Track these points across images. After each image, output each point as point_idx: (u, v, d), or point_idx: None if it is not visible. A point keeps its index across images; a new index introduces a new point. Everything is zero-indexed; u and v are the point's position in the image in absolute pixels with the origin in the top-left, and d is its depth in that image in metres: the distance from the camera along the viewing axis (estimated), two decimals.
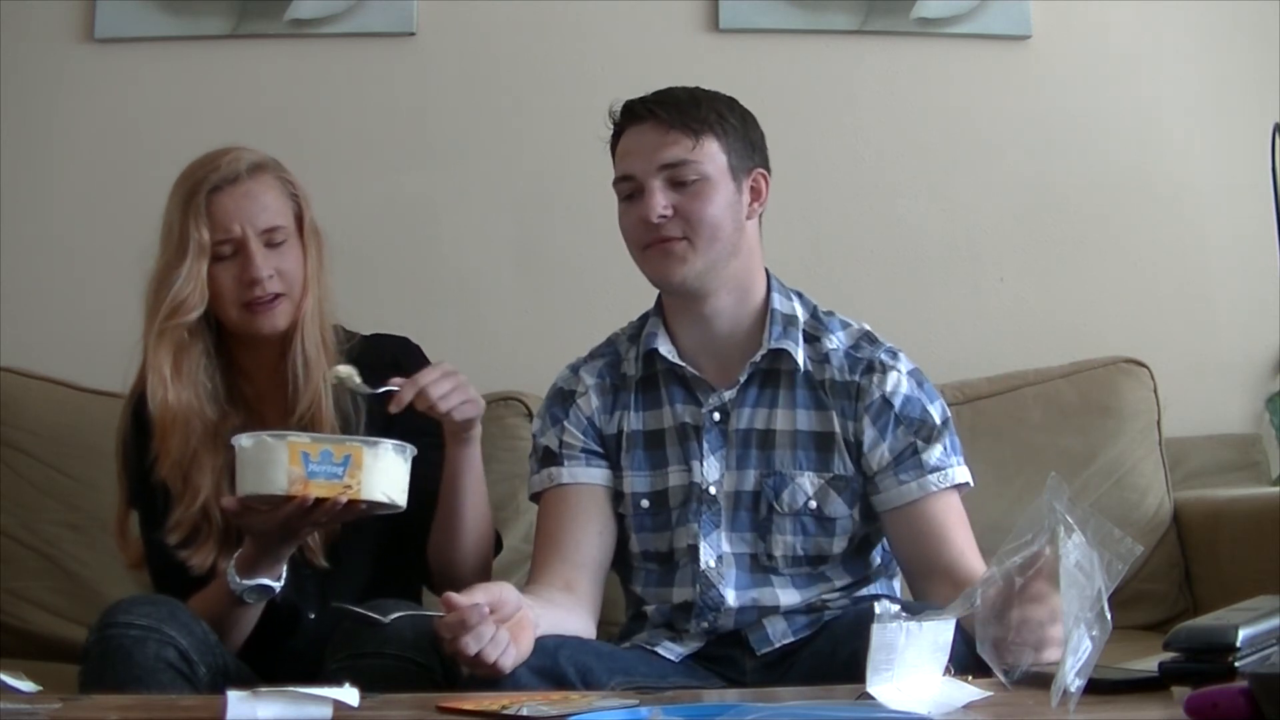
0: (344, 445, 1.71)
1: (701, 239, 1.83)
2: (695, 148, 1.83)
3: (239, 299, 1.91)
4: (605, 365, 1.97)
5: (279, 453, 1.68)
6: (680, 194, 1.83)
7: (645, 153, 1.85)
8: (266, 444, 1.70)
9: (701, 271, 1.84)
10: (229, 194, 1.91)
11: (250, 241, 1.90)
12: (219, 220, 1.90)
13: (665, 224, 1.83)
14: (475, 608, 1.49)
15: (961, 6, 2.81)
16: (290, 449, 1.68)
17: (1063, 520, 1.30)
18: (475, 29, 2.82)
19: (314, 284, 1.96)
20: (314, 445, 1.69)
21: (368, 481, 1.70)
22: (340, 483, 1.68)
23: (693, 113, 1.84)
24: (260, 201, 1.93)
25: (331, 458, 1.68)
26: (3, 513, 2.46)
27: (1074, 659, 1.25)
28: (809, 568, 1.86)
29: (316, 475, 1.68)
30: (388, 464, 1.72)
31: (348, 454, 1.69)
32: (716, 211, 1.83)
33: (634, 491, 1.90)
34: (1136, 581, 2.41)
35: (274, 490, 1.69)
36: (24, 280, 2.73)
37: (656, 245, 1.84)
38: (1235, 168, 2.74)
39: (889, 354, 1.90)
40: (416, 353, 2.05)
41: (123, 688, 1.64)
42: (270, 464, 1.68)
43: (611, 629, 2.01)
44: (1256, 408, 2.77)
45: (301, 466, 1.67)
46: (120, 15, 2.78)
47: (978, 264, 2.83)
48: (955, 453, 1.87)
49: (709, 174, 1.83)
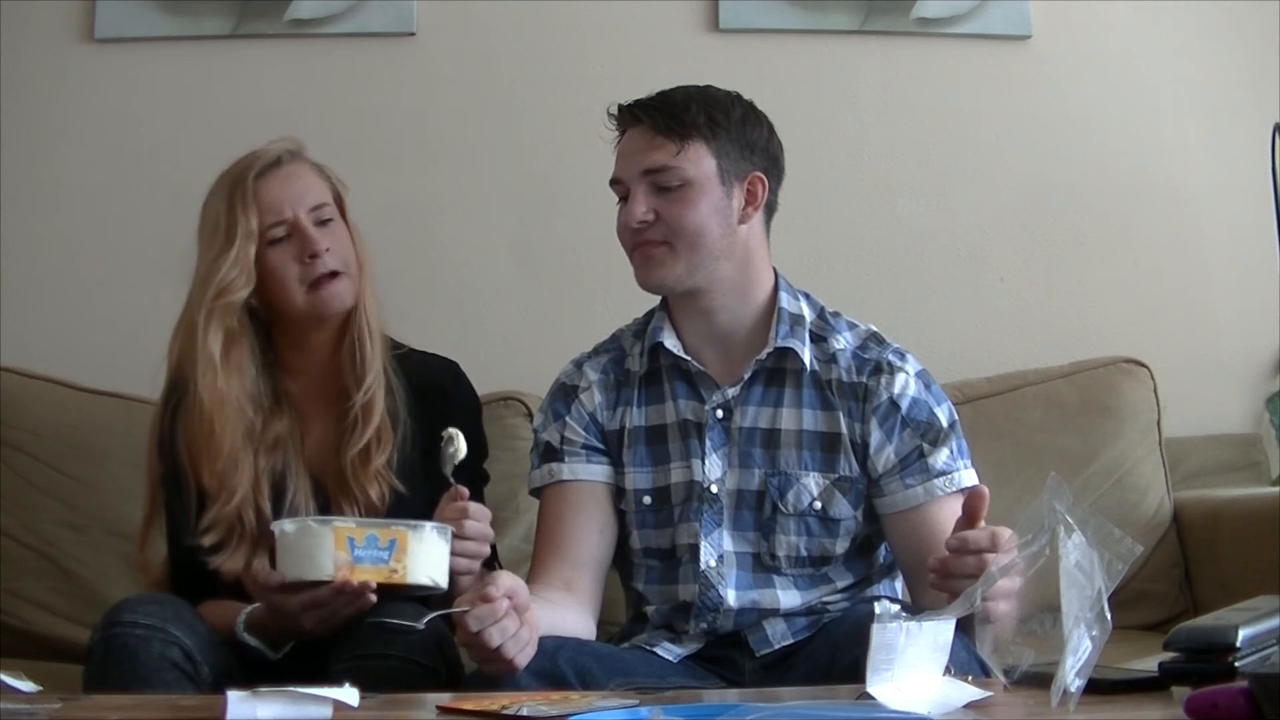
0: (389, 530, 1.70)
1: (682, 244, 1.84)
2: (679, 153, 1.83)
3: (303, 278, 1.92)
4: (609, 361, 1.97)
5: (325, 539, 1.68)
6: (662, 199, 1.84)
7: (631, 156, 1.86)
8: (311, 530, 1.70)
9: (683, 275, 1.85)
10: (273, 178, 1.93)
11: (303, 219, 1.92)
12: (268, 204, 1.91)
13: (646, 229, 1.84)
14: (503, 602, 1.49)
15: (961, 6, 2.81)
16: (336, 534, 1.68)
17: (1063, 520, 1.30)
18: (475, 29, 2.82)
19: (366, 264, 1.98)
20: (359, 530, 1.69)
21: (413, 566, 1.70)
22: (386, 567, 1.69)
23: (680, 117, 1.84)
24: (304, 181, 1.96)
25: (377, 542, 1.69)
26: (3, 513, 2.45)
27: (1074, 659, 1.25)
28: (811, 568, 1.86)
29: (362, 560, 1.68)
30: (430, 546, 1.72)
31: (393, 538, 1.69)
32: (698, 217, 1.83)
33: (636, 488, 1.90)
34: (1136, 581, 2.41)
35: (319, 576, 1.69)
36: (24, 280, 2.73)
37: (638, 249, 1.86)
38: (1235, 168, 2.74)
39: (897, 355, 1.90)
40: (465, 382, 2.07)
41: (127, 687, 1.64)
42: (315, 549, 1.68)
43: (611, 629, 2.00)
44: (1256, 408, 2.77)
45: (347, 552, 1.68)
46: (120, 15, 2.78)
47: (978, 264, 2.83)
48: (962, 456, 1.86)
49: (692, 179, 1.83)
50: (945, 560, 1.54)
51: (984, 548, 1.51)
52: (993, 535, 1.52)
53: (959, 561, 1.52)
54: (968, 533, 1.55)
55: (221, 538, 1.88)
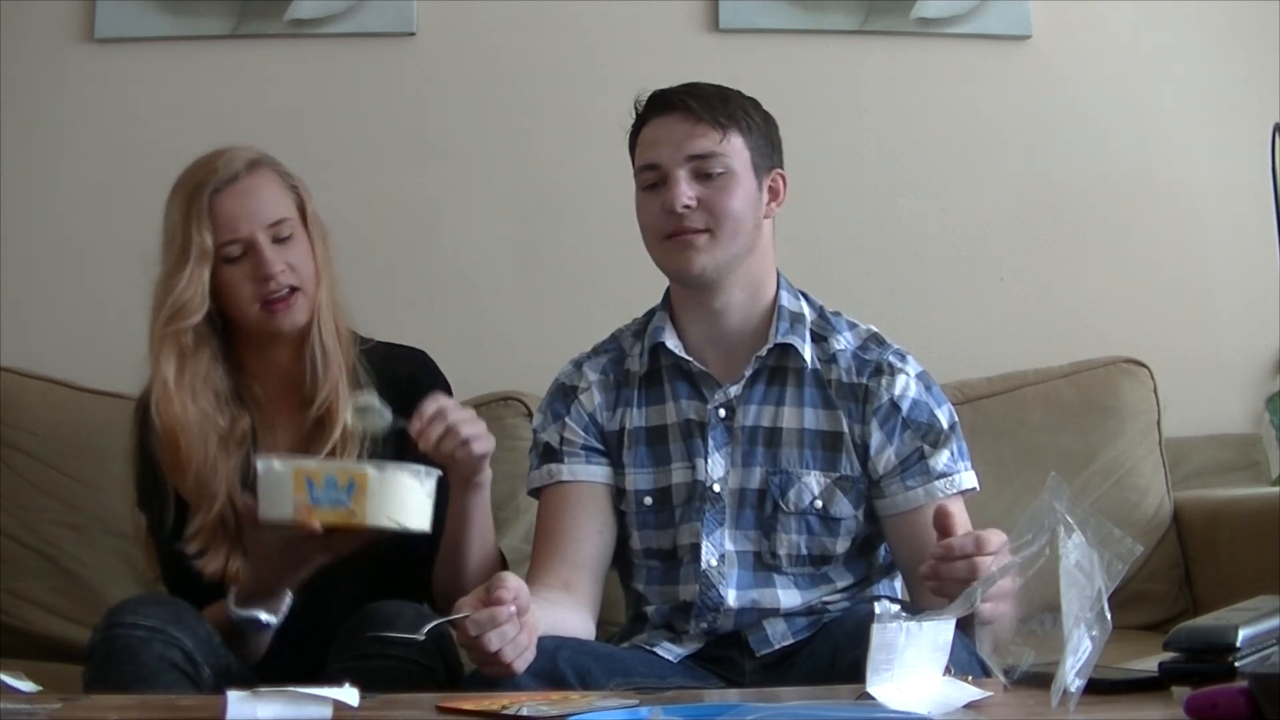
0: (349, 470, 1.68)
1: (724, 232, 1.83)
2: (723, 141, 1.83)
3: (256, 297, 1.88)
4: (609, 361, 1.97)
5: (285, 480, 1.67)
6: (705, 186, 1.83)
7: (673, 142, 1.84)
8: (274, 471, 1.68)
9: (720, 265, 1.84)
10: (230, 194, 1.88)
11: (259, 238, 1.88)
12: (223, 222, 1.87)
13: (689, 214, 1.82)
14: (505, 608, 1.49)
15: (961, 6, 2.81)
16: (295, 476, 1.66)
17: (1063, 520, 1.30)
18: (475, 29, 2.82)
19: (325, 274, 1.94)
20: (318, 472, 1.67)
21: (373, 508, 1.66)
22: (345, 509, 1.66)
23: (721, 107, 1.84)
24: (261, 197, 1.90)
25: (336, 484, 1.66)
26: (3, 513, 2.46)
27: (1074, 659, 1.25)
28: (812, 568, 1.86)
29: (320, 503, 1.66)
30: (397, 488, 1.68)
31: (352, 480, 1.66)
32: (740, 206, 1.83)
33: (636, 489, 1.90)
34: (1136, 581, 2.41)
35: (281, 516, 1.68)
36: (24, 280, 2.73)
37: (677, 236, 1.84)
38: (1235, 168, 2.74)
39: (897, 356, 1.90)
40: (434, 370, 2.03)
41: (127, 688, 1.64)
42: (277, 491, 1.67)
43: (611, 629, 2.00)
44: (1256, 408, 2.77)
45: (306, 493, 1.65)
46: (120, 15, 2.78)
47: (978, 264, 2.83)
48: (963, 457, 1.86)
49: (734, 168, 1.84)
50: (935, 568, 1.54)
51: (969, 552, 1.52)
52: (977, 539, 1.53)
53: (949, 567, 1.53)
54: (951, 540, 1.55)
55: (205, 544, 1.86)
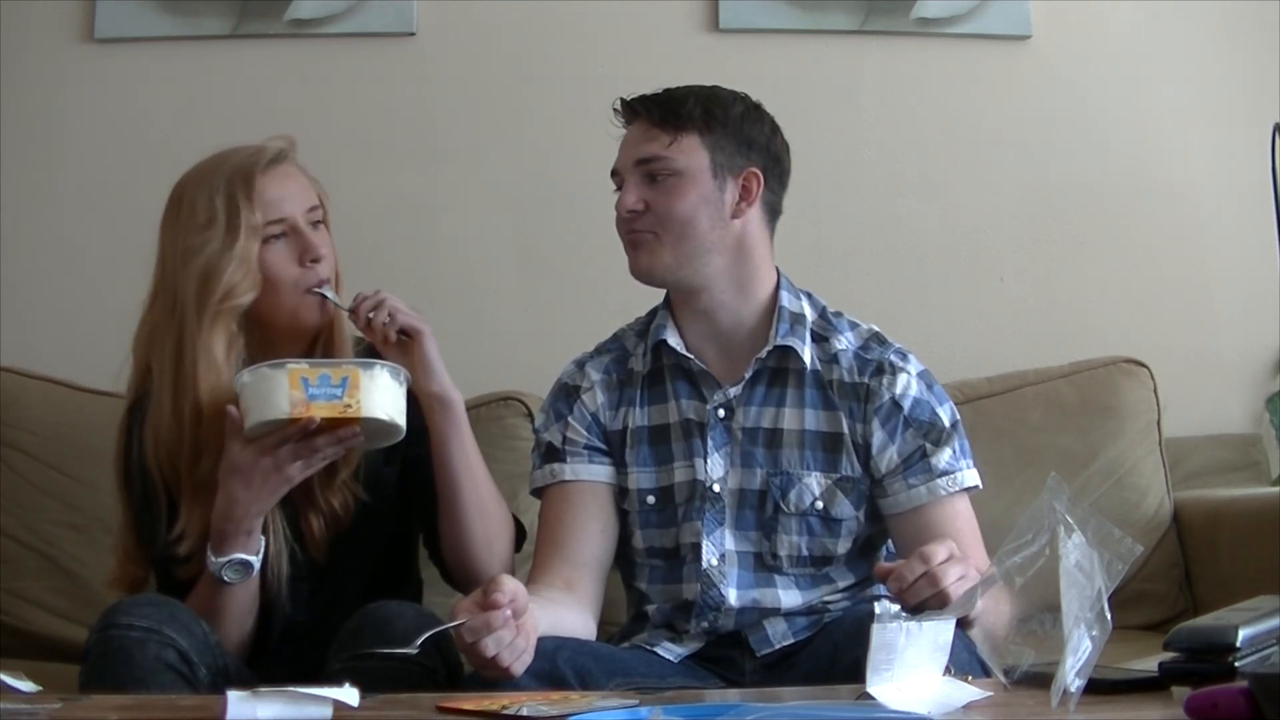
0: (340, 368, 1.74)
1: (670, 234, 1.85)
2: (672, 144, 1.85)
3: (301, 283, 1.87)
4: (611, 361, 1.97)
5: (280, 380, 1.72)
6: (653, 189, 1.86)
7: (627, 147, 1.90)
8: (266, 374, 1.73)
9: (671, 266, 1.86)
10: (274, 175, 1.89)
11: (300, 221, 1.88)
12: (270, 201, 1.86)
13: (636, 218, 1.86)
14: (500, 612, 1.49)
15: (961, 6, 2.81)
16: (290, 375, 1.72)
17: (1063, 520, 1.30)
18: (475, 29, 2.82)
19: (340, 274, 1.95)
20: (312, 370, 1.73)
21: (367, 400, 1.73)
22: (340, 403, 1.72)
23: (675, 110, 1.86)
24: (301, 181, 1.92)
25: (330, 380, 1.72)
26: (3, 513, 2.46)
27: (1074, 659, 1.25)
28: (813, 568, 1.86)
29: (317, 397, 1.72)
30: (384, 384, 1.75)
31: (345, 375, 1.73)
32: (686, 208, 1.85)
33: (639, 488, 1.91)
34: (1136, 581, 2.41)
35: (277, 415, 1.72)
36: (24, 280, 2.73)
37: (629, 238, 1.88)
38: (1235, 168, 2.74)
39: (899, 355, 1.90)
40: None
41: (123, 688, 1.63)
42: (272, 391, 1.72)
43: (611, 629, 2.00)
44: (1256, 408, 2.77)
45: (302, 390, 1.72)
46: (120, 15, 2.78)
47: (978, 264, 2.83)
48: (965, 456, 1.87)
49: (682, 170, 1.85)
50: (903, 595, 1.53)
51: (918, 573, 1.52)
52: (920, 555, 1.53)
53: (913, 592, 1.52)
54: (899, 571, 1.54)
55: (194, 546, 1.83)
